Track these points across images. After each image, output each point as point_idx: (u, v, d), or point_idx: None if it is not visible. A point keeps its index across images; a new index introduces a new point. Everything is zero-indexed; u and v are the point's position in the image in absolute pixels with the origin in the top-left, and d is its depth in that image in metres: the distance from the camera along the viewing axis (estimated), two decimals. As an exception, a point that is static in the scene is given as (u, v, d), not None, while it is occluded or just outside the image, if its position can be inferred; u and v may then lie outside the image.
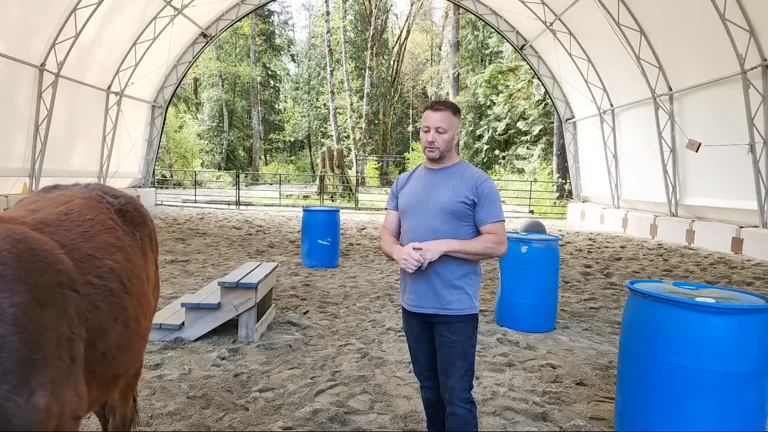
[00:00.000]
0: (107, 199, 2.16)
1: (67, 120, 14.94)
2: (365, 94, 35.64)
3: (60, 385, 1.39)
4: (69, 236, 1.72)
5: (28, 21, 12.31)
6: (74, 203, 1.97)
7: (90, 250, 1.75)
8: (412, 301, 2.51)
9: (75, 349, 1.49)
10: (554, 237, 5.63)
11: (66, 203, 1.96)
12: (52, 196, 2.11)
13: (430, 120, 2.45)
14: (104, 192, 2.22)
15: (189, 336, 4.61)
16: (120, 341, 1.75)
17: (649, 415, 2.65)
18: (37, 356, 1.33)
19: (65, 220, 1.80)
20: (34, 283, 1.40)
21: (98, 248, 1.79)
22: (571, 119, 19.97)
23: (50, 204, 1.93)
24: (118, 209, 2.15)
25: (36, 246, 1.50)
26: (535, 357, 4.53)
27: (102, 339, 1.65)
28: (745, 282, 8.15)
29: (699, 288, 2.89)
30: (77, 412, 1.47)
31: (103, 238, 1.86)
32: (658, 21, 13.11)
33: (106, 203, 2.13)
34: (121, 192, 2.33)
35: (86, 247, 1.75)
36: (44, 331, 1.38)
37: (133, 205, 2.25)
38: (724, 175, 11.99)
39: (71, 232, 1.76)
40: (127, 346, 1.81)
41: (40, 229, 1.64)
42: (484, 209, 2.42)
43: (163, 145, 29.02)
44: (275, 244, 10.91)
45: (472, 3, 19.03)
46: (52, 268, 1.50)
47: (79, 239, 1.75)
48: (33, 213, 1.79)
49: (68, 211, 1.87)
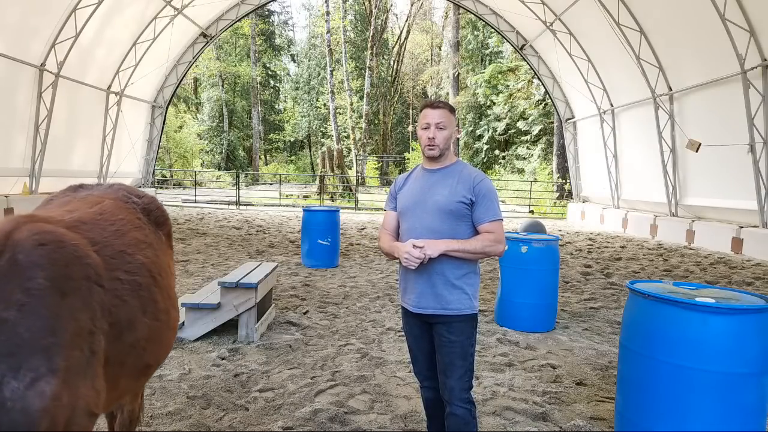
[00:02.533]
0: (133, 199, 2.27)
1: (67, 120, 14.94)
2: (365, 94, 35.63)
3: (76, 375, 1.40)
4: (103, 234, 1.83)
5: (28, 21, 12.30)
6: (105, 204, 2.07)
7: (122, 247, 1.85)
8: (412, 301, 2.51)
9: (95, 342, 1.52)
10: (554, 237, 5.63)
11: (98, 204, 2.06)
12: (81, 195, 2.20)
13: (429, 117, 2.46)
14: (129, 192, 2.33)
15: (189, 336, 4.61)
16: (150, 333, 1.83)
17: (649, 415, 2.65)
18: (46, 342, 1.33)
19: (100, 220, 1.91)
20: (57, 273, 1.44)
21: (129, 245, 1.90)
22: (571, 119, 19.97)
23: (84, 204, 2.04)
24: (144, 208, 2.26)
25: (65, 239, 1.55)
26: (535, 357, 4.53)
27: (130, 331, 1.72)
28: (745, 282, 8.15)
29: (699, 288, 2.89)
30: (92, 408, 1.47)
31: (133, 236, 1.97)
32: (658, 21, 13.11)
33: (132, 203, 2.24)
34: (144, 192, 2.43)
35: (118, 243, 1.84)
36: (59, 319, 1.39)
37: (155, 205, 2.36)
38: (724, 175, 11.98)
39: (105, 230, 1.86)
40: (157, 338, 1.90)
41: (77, 227, 1.73)
42: (481, 208, 2.42)
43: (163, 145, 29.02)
44: (275, 244, 10.91)
45: (472, 3, 19.03)
46: (79, 261, 1.55)
47: (112, 237, 1.85)
48: (70, 213, 1.89)
49: (102, 211, 1.99)
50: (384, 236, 2.61)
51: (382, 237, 2.61)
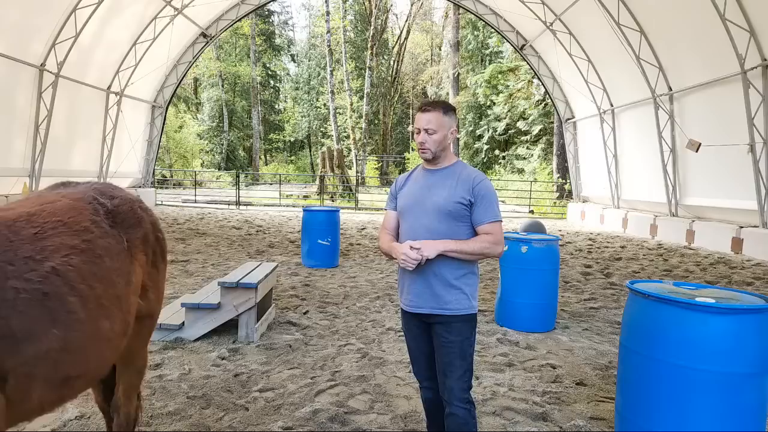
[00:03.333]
0: (100, 200, 2.16)
1: (67, 120, 14.94)
2: (365, 94, 35.63)
3: None
4: (11, 239, 1.72)
5: (28, 21, 12.31)
6: (55, 204, 1.98)
7: (30, 253, 1.73)
8: (410, 302, 2.51)
9: None
10: (554, 237, 5.62)
11: (50, 203, 1.97)
12: (47, 194, 2.12)
13: (419, 121, 2.47)
14: (102, 192, 2.22)
15: (189, 336, 4.61)
16: (65, 344, 1.73)
17: (649, 415, 2.65)
18: None
19: (24, 222, 1.80)
20: None
21: (42, 250, 1.77)
22: (571, 119, 19.97)
23: (30, 204, 1.95)
24: (110, 211, 2.15)
25: None
26: (535, 357, 4.53)
27: (31, 343, 1.63)
28: (745, 282, 8.15)
29: (699, 288, 2.89)
30: None
31: (58, 240, 1.84)
32: (658, 21, 13.10)
33: (96, 204, 2.13)
34: (122, 193, 2.31)
35: (26, 249, 1.73)
36: None
37: (128, 207, 2.24)
38: (724, 175, 11.98)
39: (18, 234, 1.75)
40: (77, 349, 1.78)
41: None
42: (480, 209, 2.42)
43: (163, 145, 29.02)
44: (275, 244, 10.91)
45: (472, 3, 19.03)
46: None
47: (22, 242, 1.74)
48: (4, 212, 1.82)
49: (36, 212, 1.88)
50: (384, 236, 2.61)
51: (382, 237, 2.61)
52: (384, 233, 2.62)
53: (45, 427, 3.05)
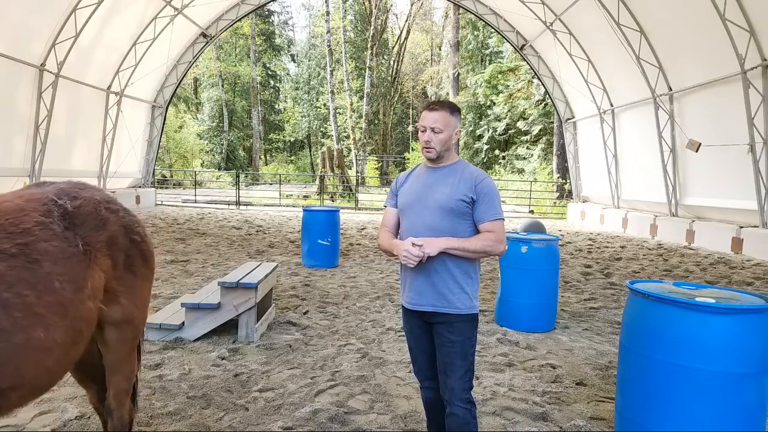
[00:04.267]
0: (58, 202, 2.06)
1: (67, 120, 14.93)
2: (365, 94, 35.63)
3: None
4: None
5: (28, 21, 12.30)
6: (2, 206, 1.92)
7: None
8: (412, 299, 2.50)
9: None
10: (554, 237, 5.63)
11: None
12: (4, 195, 2.05)
13: (426, 120, 2.46)
14: (65, 193, 2.13)
15: (189, 336, 4.61)
16: None
17: (648, 415, 2.65)
18: None
19: None
20: None
21: None
22: (571, 119, 19.97)
23: None
24: (68, 212, 2.05)
25: None
26: (535, 357, 4.53)
27: None
28: (745, 282, 8.15)
29: (699, 288, 2.89)
30: None
31: None
32: (658, 21, 13.10)
33: (52, 205, 2.03)
34: (88, 194, 2.20)
35: None
36: None
37: (91, 208, 2.14)
38: (724, 175, 11.98)
39: None
40: (8, 361, 1.71)
41: None
42: (482, 207, 2.42)
43: (163, 145, 29.01)
44: (275, 244, 10.91)
45: (472, 3, 19.02)
46: None
47: None
48: None
49: None
50: (383, 234, 2.60)
51: (382, 234, 2.60)
52: (384, 230, 2.61)
53: (45, 427, 3.05)
